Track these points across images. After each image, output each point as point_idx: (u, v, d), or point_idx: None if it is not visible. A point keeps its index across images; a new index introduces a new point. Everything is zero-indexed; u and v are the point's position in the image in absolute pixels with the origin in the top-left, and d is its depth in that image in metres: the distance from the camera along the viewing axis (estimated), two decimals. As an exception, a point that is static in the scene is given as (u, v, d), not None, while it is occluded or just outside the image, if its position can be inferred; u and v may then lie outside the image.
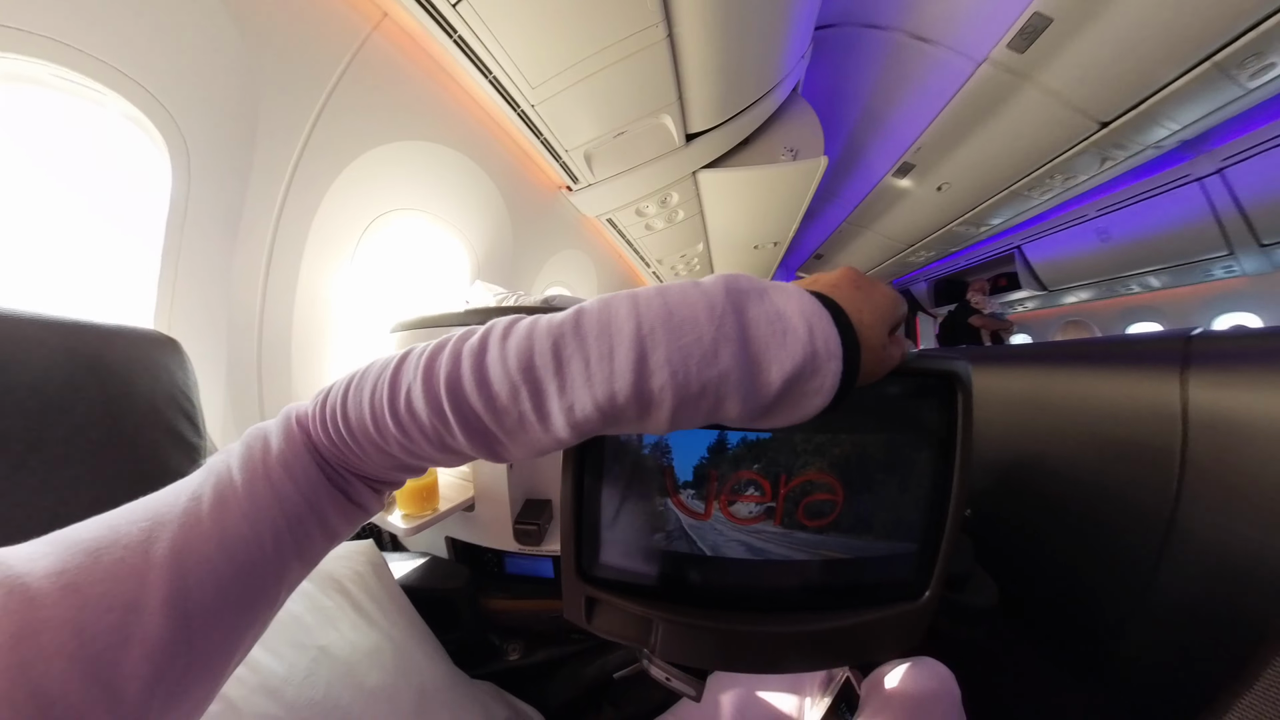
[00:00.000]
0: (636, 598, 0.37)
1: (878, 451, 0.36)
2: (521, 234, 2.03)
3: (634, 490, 0.36)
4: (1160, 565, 0.82)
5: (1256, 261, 2.82)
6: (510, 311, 0.34)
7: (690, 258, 3.26)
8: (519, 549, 0.83)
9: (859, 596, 0.39)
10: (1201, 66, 1.73)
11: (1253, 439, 0.71)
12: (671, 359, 0.22)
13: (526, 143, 1.77)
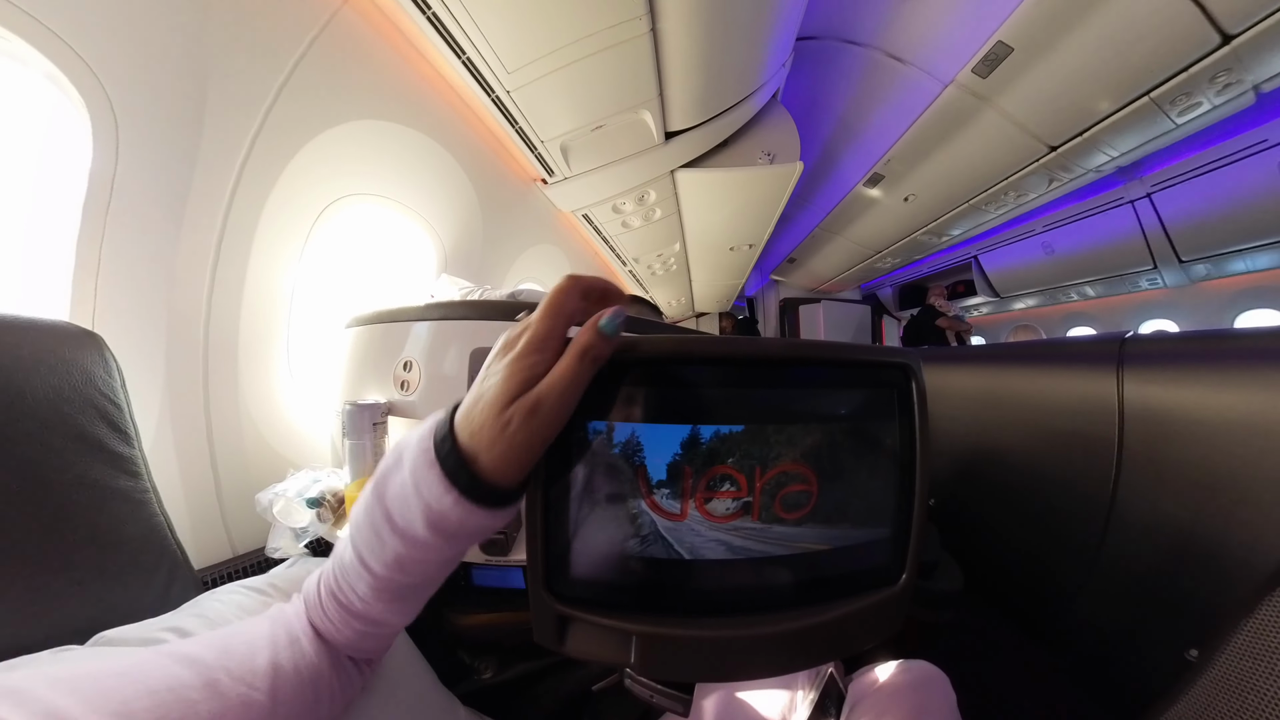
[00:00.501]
0: (612, 612, 0.34)
1: (846, 439, 0.38)
2: (493, 226, 1.96)
3: (604, 494, 0.33)
4: (1105, 541, 0.91)
5: (1176, 275, 3.24)
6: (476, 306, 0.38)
7: (667, 257, 3.27)
8: (485, 560, 0.80)
9: (840, 587, 0.39)
10: (1139, 101, 1.94)
11: (1179, 430, 0.80)
12: (364, 550, 0.31)
13: (501, 131, 1.70)
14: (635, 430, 0.32)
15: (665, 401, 0.33)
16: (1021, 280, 4.17)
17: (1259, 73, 1.82)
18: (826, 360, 0.38)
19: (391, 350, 0.91)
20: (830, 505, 0.36)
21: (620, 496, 0.33)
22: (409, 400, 0.86)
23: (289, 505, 0.77)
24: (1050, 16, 1.60)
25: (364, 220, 1.47)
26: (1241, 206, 2.63)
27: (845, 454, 0.38)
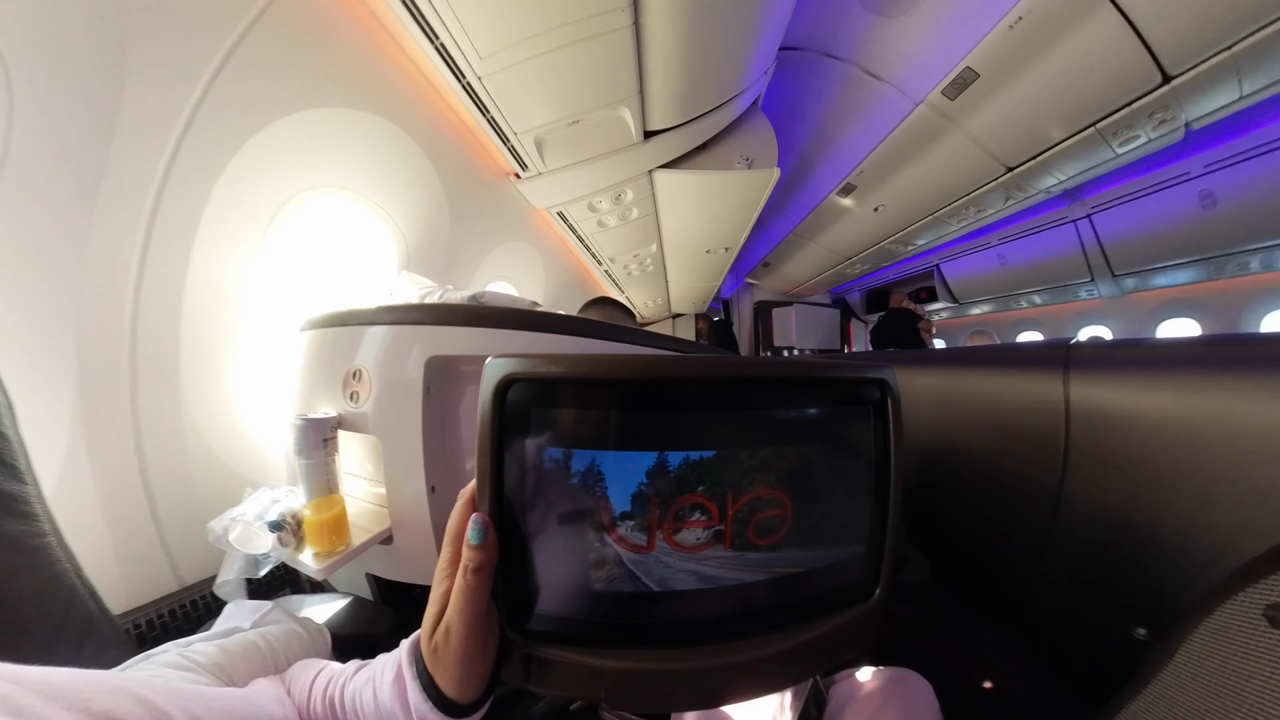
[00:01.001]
0: (581, 648, 0.32)
1: (821, 459, 0.36)
2: (461, 222, 1.86)
3: (565, 527, 0.31)
4: (1054, 527, 1.00)
5: (1110, 287, 3.65)
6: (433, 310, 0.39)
7: (644, 258, 3.23)
8: None
9: (816, 607, 0.37)
10: (1087, 131, 2.13)
11: (1118, 427, 0.88)
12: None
13: (472, 121, 1.61)
14: (595, 458, 0.29)
15: (629, 427, 0.30)
16: (978, 288, 4.53)
17: (1191, 111, 2.02)
18: (802, 379, 0.36)
19: (343, 356, 0.83)
20: (805, 528, 0.35)
21: (581, 529, 0.30)
22: (359, 412, 0.78)
23: (247, 531, 0.69)
24: (1015, 47, 1.70)
25: (326, 214, 1.35)
26: (1165, 229, 2.98)
27: (821, 475, 0.36)
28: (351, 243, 1.52)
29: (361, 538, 0.75)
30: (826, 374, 0.38)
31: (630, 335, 0.85)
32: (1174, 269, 3.19)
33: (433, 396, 0.75)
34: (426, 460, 0.72)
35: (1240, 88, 1.86)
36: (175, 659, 0.50)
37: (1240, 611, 0.41)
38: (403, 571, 0.79)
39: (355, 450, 0.88)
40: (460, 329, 0.75)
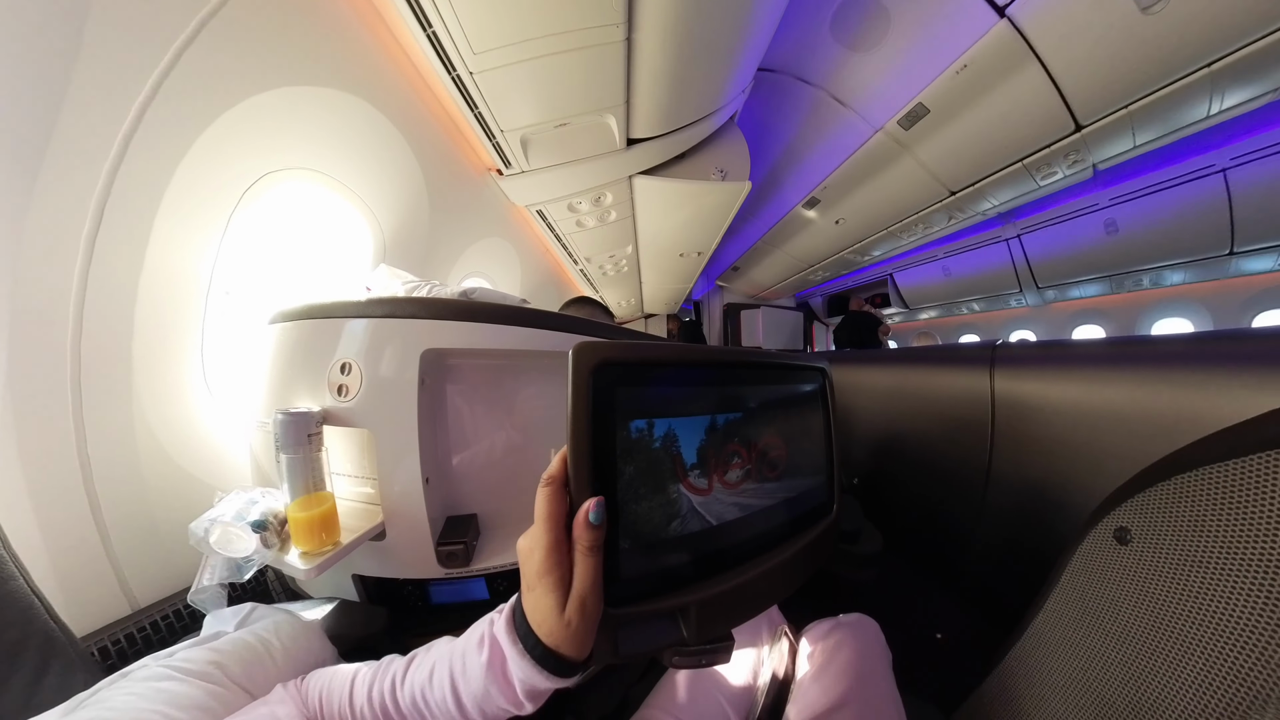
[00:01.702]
0: (662, 596, 0.37)
1: (796, 415, 0.54)
2: (441, 215, 1.83)
3: (648, 487, 0.36)
4: (985, 498, 1.19)
5: (1035, 298, 4.24)
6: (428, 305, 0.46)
7: (619, 259, 3.28)
8: (445, 573, 0.76)
9: (805, 520, 0.52)
10: (1015, 165, 2.46)
11: (1033, 413, 1.07)
12: None
13: (458, 115, 1.60)
14: (672, 424, 0.38)
15: (698, 398, 0.41)
16: (926, 295, 5.07)
17: (1098, 155, 2.39)
18: (786, 365, 0.56)
19: (325, 350, 0.81)
20: (793, 462, 0.50)
21: (663, 485, 0.37)
22: (346, 407, 0.78)
23: (228, 533, 0.66)
24: (960, 89, 1.95)
25: (294, 200, 1.29)
26: (1078, 250, 3.50)
27: (797, 426, 0.53)
28: (326, 231, 1.47)
29: (351, 536, 0.75)
30: (797, 362, 0.59)
31: (612, 333, 0.91)
32: (1086, 283, 3.76)
33: (426, 389, 0.76)
34: (422, 452, 0.73)
35: (1134, 139, 2.23)
36: (157, 672, 0.46)
37: (1099, 537, 0.56)
38: (395, 567, 0.79)
39: (339, 447, 0.87)
40: (452, 323, 0.76)
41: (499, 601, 0.40)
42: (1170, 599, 0.47)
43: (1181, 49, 1.66)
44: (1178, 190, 2.78)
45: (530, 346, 0.80)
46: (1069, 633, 0.58)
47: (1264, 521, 0.40)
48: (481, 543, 0.81)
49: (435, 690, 0.38)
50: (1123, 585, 0.52)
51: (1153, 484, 0.50)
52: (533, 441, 0.87)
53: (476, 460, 0.84)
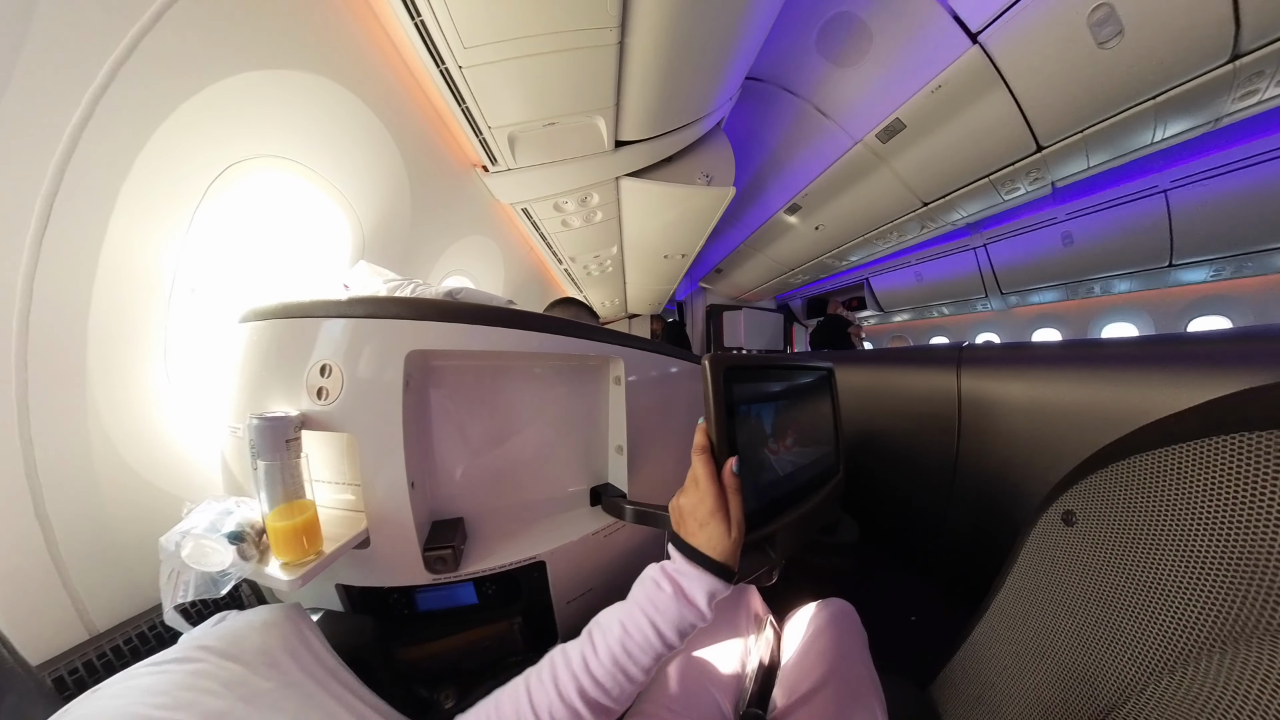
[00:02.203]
0: (763, 526, 0.57)
1: (815, 400, 0.81)
2: (423, 211, 1.78)
3: (752, 448, 0.57)
4: (953, 488, 1.29)
5: (999, 303, 4.54)
6: (413, 305, 0.54)
7: (604, 259, 3.27)
8: (433, 579, 0.74)
9: (825, 476, 0.76)
10: (982, 180, 2.63)
11: (995, 410, 1.17)
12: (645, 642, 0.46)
13: (445, 108, 1.56)
14: (759, 408, 0.61)
15: (773, 391, 0.66)
16: (900, 299, 5.32)
17: (1057, 173, 2.58)
18: (810, 366, 0.83)
19: (302, 351, 0.78)
20: (818, 433, 0.78)
21: (758, 448, 0.59)
22: (326, 410, 0.75)
23: (201, 546, 0.62)
24: (935, 107, 2.07)
25: (267, 191, 1.23)
26: (1038, 260, 3.78)
27: (816, 407, 0.81)
28: (301, 224, 1.41)
29: (334, 545, 0.73)
30: (814, 364, 0.84)
31: (597, 334, 0.91)
32: (1044, 290, 4.07)
33: (411, 391, 0.75)
34: (407, 455, 0.72)
35: (1088, 160, 2.42)
36: (130, 674, 0.42)
37: (1050, 520, 0.62)
38: (381, 575, 0.76)
39: (318, 452, 0.84)
40: (437, 325, 0.75)
41: (489, 606, 0.45)
42: (1110, 573, 0.52)
43: (1131, 82, 1.82)
44: (1125, 208, 3.04)
45: (516, 348, 0.79)
46: (1026, 607, 0.64)
47: (1190, 501, 0.45)
48: (469, 546, 0.80)
49: (635, 635, 0.45)
50: (1070, 563, 0.58)
51: (1094, 470, 0.56)
52: (518, 443, 0.87)
53: (462, 463, 0.83)
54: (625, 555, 0.96)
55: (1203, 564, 0.43)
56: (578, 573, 0.86)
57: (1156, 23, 1.55)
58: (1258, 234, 2.65)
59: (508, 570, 0.77)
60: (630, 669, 0.44)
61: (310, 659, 0.59)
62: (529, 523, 0.87)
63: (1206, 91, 1.84)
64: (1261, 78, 1.76)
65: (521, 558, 0.78)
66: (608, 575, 0.93)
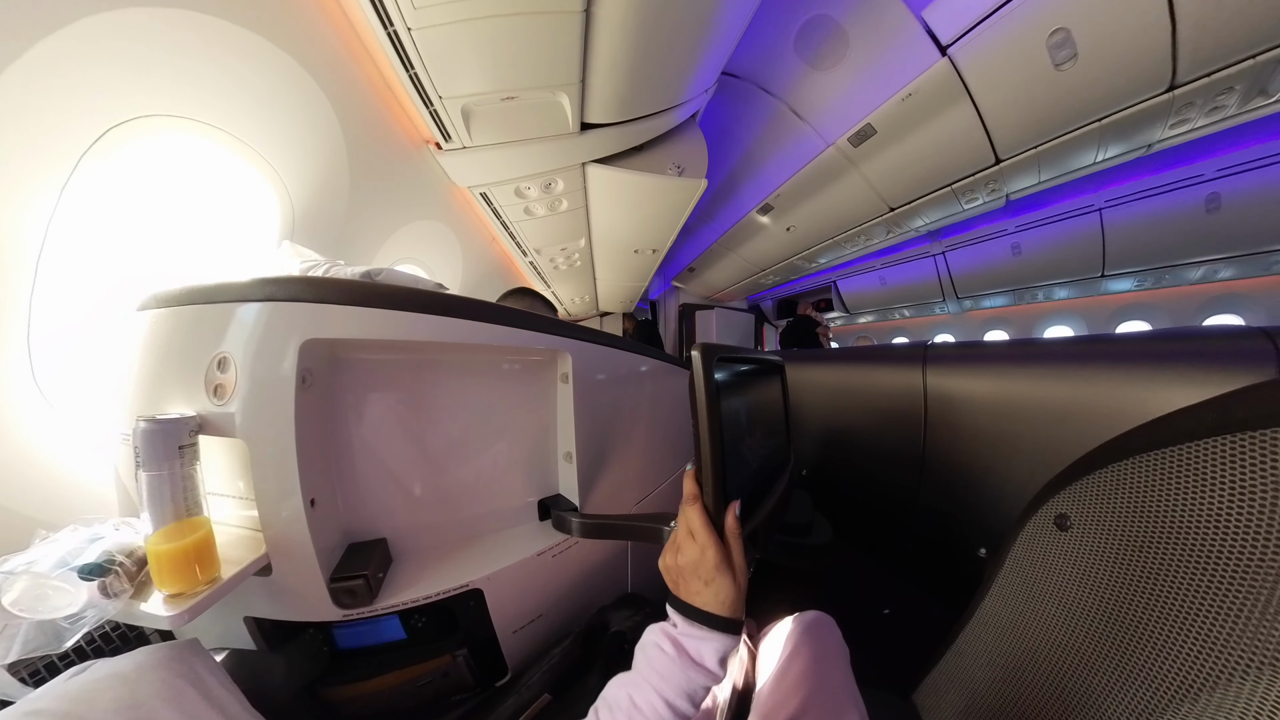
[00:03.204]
0: (749, 523, 0.55)
1: (769, 390, 0.84)
2: (367, 188, 1.63)
3: (735, 441, 0.58)
4: (920, 483, 1.33)
5: (955, 306, 4.94)
6: (315, 285, 0.48)
7: (571, 252, 3.17)
8: (343, 615, 0.64)
9: (782, 466, 0.81)
10: (944, 189, 2.77)
11: (959, 406, 1.21)
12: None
13: (392, 75, 1.42)
14: (737, 403, 0.62)
15: (749, 384, 0.69)
16: (865, 302, 5.67)
17: (1011, 186, 2.75)
18: (763, 361, 0.82)
19: (202, 342, 0.66)
20: (774, 423, 0.81)
21: (739, 442, 0.60)
22: (224, 411, 0.64)
23: (39, 587, 0.49)
24: (904, 115, 2.14)
25: (179, 157, 1.07)
26: (990, 267, 4.15)
27: (770, 397, 0.82)
28: (221, 200, 1.24)
29: (233, 569, 0.62)
30: (767, 356, 0.88)
31: (539, 324, 0.80)
32: (995, 295, 4.49)
33: (310, 390, 0.64)
34: (302, 467, 0.61)
35: (1039, 175, 2.59)
36: None
37: (1040, 523, 0.59)
38: (288, 608, 0.66)
39: (219, 461, 0.72)
40: (344, 309, 0.64)
41: (419, 642, 0.38)
42: (1115, 583, 0.48)
43: (1082, 103, 1.96)
44: (1066, 223, 3.41)
45: (438, 337, 0.69)
46: (1016, 616, 0.61)
47: (1210, 505, 0.40)
48: (393, 573, 0.70)
49: (646, 710, 0.43)
50: (1066, 570, 0.54)
51: (1090, 471, 0.52)
52: (452, 451, 0.77)
53: (385, 475, 0.72)
54: (581, 574, 0.88)
55: (1229, 577, 0.38)
56: (524, 598, 0.78)
57: (1107, 50, 1.67)
58: (1175, 250, 3.09)
59: (438, 600, 0.68)
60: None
61: (203, 705, 0.50)
62: (465, 543, 0.77)
63: (1146, 117, 2.00)
64: (1192, 108, 1.95)
65: (452, 586, 0.68)
66: (561, 598, 0.85)
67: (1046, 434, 1.01)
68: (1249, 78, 1.75)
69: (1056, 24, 1.62)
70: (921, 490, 1.33)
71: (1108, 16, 1.57)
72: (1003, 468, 1.11)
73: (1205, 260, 3.06)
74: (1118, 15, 1.55)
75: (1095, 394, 0.94)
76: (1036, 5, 1.58)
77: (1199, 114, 1.99)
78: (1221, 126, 2.12)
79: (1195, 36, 1.58)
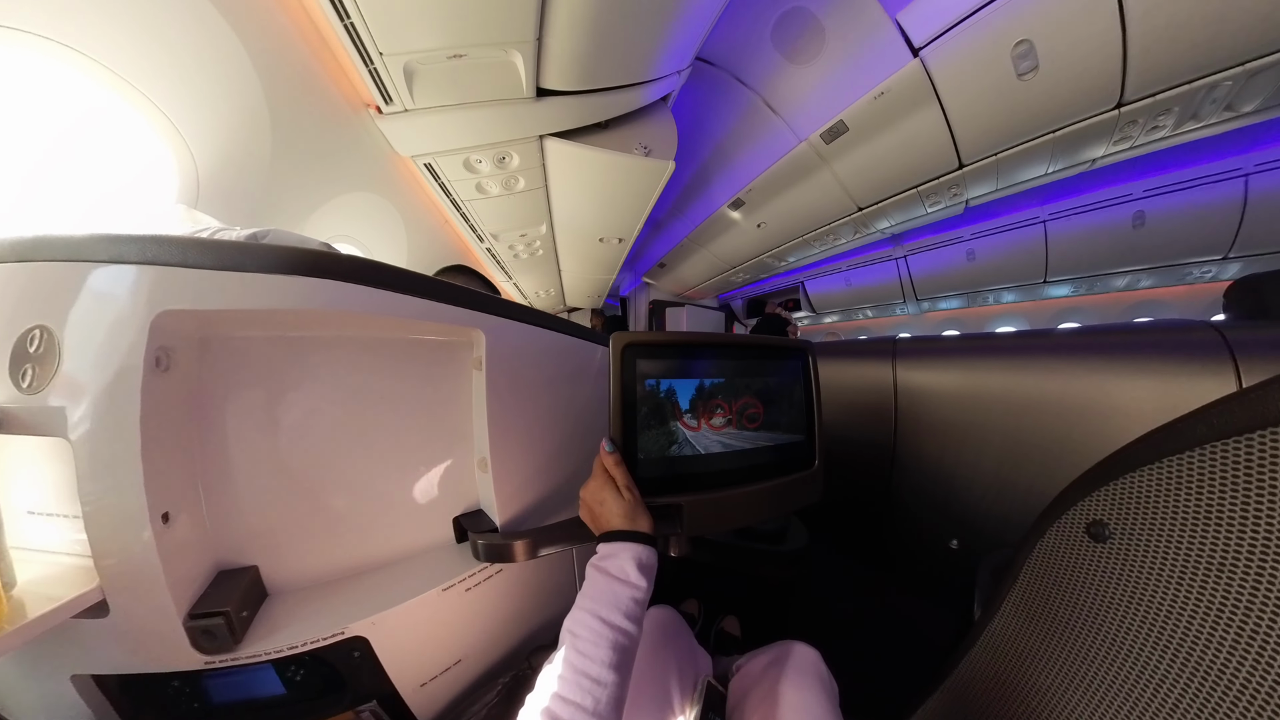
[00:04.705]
0: (669, 494, 0.61)
1: (775, 384, 0.73)
2: (292, 153, 1.44)
3: (657, 420, 0.62)
4: (892, 475, 1.33)
5: (914, 307, 5.28)
6: (165, 244, 0.47)
7: (532, 239, 3.01)
8: (205, 662, 0.51)
9: (783, 467, 0.72)
10: (909, 191, 2.84)
11: (927, 398, 1.21)
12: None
13: (326, 26, 1.25)
14: (672, 384, 0.63)
15: (689, 367, 0.65)
16: (831, 302, 5.89)
17: (971, 192, 2.86)
18: (763, 345, 0.75)
19: (16, 312, 0.51)
20: (771, 419, 0.71)
21: (665, 421, 0.62)
22: (34, 403, 0.49)
23: None
24: (876, 113, 2.16)
25: (38, 88, 0.88)
26: (947, 272, 4.47)
27: (776, 393, 0.72)
28: (98, 150, 1.04)
29: (41, 610, 0.47)
30: (778, 343, 0.77)
31: (456, 296, 0.66)
32: (950, 298, 4.79)
33: (168, 376, 0.51)
34: (149, 473, 0.48)
35: (997, 182, 2.72)
36: None
37: (1065, 532, 0.49)
38: (132, 657, 0.51)
39: (41, 469, 0.56)
40: (213, 274, 0.51)
41: (304, 699, 0.30)
42: (1177, 609, 0.37)
43: (1039, 114, 2.06)
44: (1015, 232, 3.71)
45: (323, 304, 0.56)
46: (1037, 644, 0.51)
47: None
48: (269, 609, 0.57)
49: (582, 632, 0.46)
50: (1107, 591, 0.43)
51: (1133, 469, 0.41)
52: (345, 453, 0.64)
53: (262, 483, 0.59)
54: (511, 606, 0.76)
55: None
56: (431, 643, 0.65)
57: (1064, 64, 1.77)
58: (1107, 260, 3.48)
59: (312, 651, 0.55)
60: (591, 669, 0.43)
61: None
62: (355, 576, 0.64)
63: (1094, 132, 2.14)
64: (1135, 126, 2.10)
65: (325, 634, 0.55)
66: (484, 638, 0.72)
67: (1015, 425, 1.02)
68: (1185, 101, 1.91)
69: (1021, 35, 1.69)
70: (892, 486, 1.34)
71: (1067, 33, 1.65)
72: (972, 459, 1.11)
73: (1131, 270, 3.45)
74: (1076, 32, 1.65)
75: (1058, 385, 0.95)
76: (1004, 16, 1.64)
77: (1140, 131, 2.14)
78: (1157, 146, 2.31)
79: (1143, 59, 1.70)
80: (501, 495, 0.71)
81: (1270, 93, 1.86)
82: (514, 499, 0.74)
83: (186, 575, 0.52)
